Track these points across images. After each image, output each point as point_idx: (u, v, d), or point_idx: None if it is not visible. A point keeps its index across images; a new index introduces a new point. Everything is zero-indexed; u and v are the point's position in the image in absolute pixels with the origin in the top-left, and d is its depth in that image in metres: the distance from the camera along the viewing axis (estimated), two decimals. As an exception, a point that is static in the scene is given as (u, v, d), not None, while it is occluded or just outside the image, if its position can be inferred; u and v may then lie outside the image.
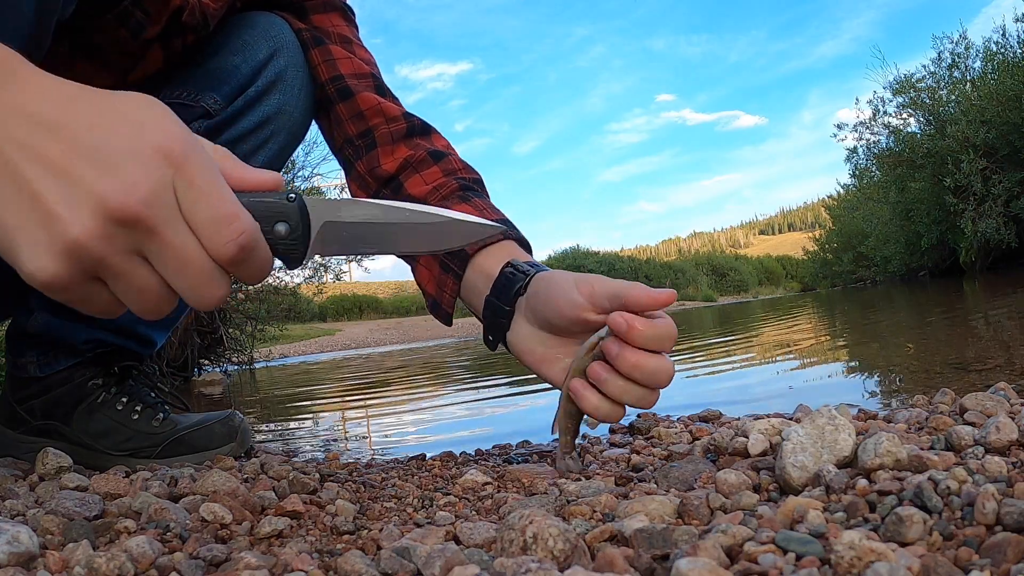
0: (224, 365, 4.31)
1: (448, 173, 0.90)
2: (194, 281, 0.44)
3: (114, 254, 0.42)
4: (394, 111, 0.93)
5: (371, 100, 0.92)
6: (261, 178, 0.49)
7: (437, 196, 0.88)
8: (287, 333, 7.10)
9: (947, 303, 4.02)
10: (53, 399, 0.93)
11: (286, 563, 0.46)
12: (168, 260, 0.43)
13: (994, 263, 10.05)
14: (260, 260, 0.47)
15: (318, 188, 5.81)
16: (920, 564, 0.38)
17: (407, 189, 0.90)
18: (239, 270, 0.46)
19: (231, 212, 0.44)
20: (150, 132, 0.43)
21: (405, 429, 1.53)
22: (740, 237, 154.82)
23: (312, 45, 0.94)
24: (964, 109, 9.73)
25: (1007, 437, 0.60)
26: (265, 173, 0.49)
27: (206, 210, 0.43)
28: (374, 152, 0.92)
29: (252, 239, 0.45)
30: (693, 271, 25.05)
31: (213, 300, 0.46)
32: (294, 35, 0.93)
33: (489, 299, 0.81)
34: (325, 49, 0.94)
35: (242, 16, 0.93)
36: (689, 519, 0.54)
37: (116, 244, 0.42)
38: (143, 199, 0.41)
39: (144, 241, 0.43)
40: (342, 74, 0.93)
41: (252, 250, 0.45)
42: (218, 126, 0.88)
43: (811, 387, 1.50)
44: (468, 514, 0.64)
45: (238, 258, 0.45)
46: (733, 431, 0.75)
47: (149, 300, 0.45)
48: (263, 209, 0.49)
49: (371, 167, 0.92)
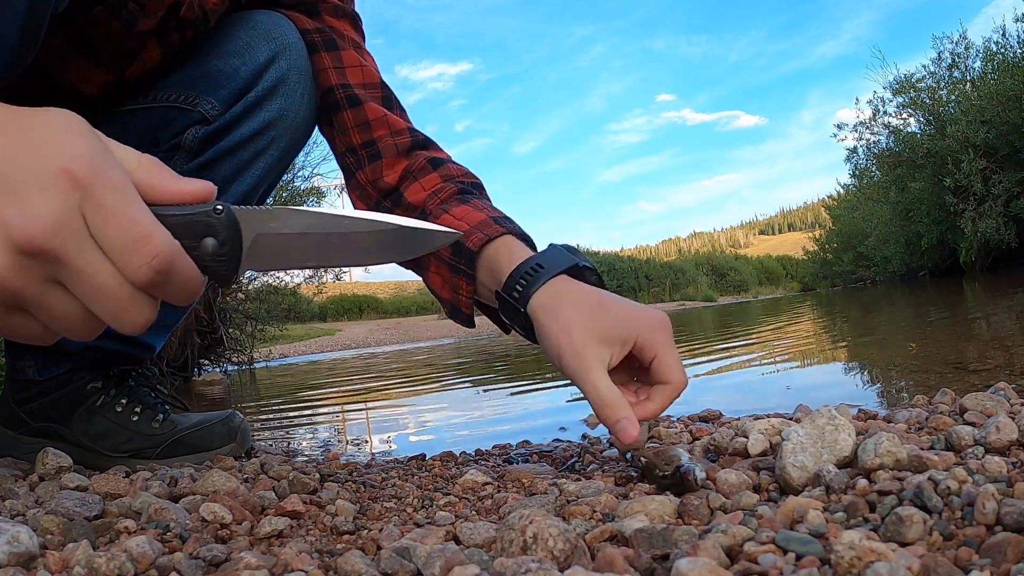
0: (224, 365, 4.31)
1: (447, 178, 0.89)
2: (113, 307, 0.42)
3: (29, 285, 0.41)
4: (400, 124, 0.91)
5: (378, 111, 0.91)
6: (189, 188, 0.46)
7: (436, 200, 0.87)
8: (287, 333, 7.10)
9: (947, 303, 4.02)
10: (52, 402, 0.93)
11: (286, 563, 0.46)
12: (83, 288, 0.42)
13: (994, 263, 10.05)
14: (183, 281, 0.44)
15: (318, 188, 5.81)
16: (920, 564, 0.38)
17: (406, 198, 0.89)
18: (160, 293, 0.44)
19: (143, 233, 0.41)
20: (55, 154, 0.40)
21: (405, 429, 1.53)
22: (740, 237, 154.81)
23: (323, 48, 0.92)
24: (964, 109, 9.74)
25: (1007, 437, 0.60)
26: (194, 183, 0.46)
27: (116, 233, 0.41)
28: (378, 163, 0.90)
29: (166, 261, 0.42)
30: (693, 271, 25.06)
31: (137, 325, 0.43)
32: (299, 37, 0.91)
33: (500, 294, 0.78)
34: (337, 55, 0.92)
35: (245, 15, 0.90)
36: (689, 519, 0.54)
37: (29, 275, 0.40)
38: (47, 229, 0.39)
39: (57, 270, 0.41)
40: (349, 83, 0.91)
41: (170, 272, 0.43)
42: (216, 133, 0.86)
43: (811, 387, 1.50)
44: (468, 514, 0.64)
45: (155, 281, 0.42)
46: (733, 431, 0.75)
47: (74, 326, 0.43)
48: (187, 224, 0.45)
49: (374, 178, 0.91)
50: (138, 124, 0.87)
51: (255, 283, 4.84)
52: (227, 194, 0.88)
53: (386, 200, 0.91)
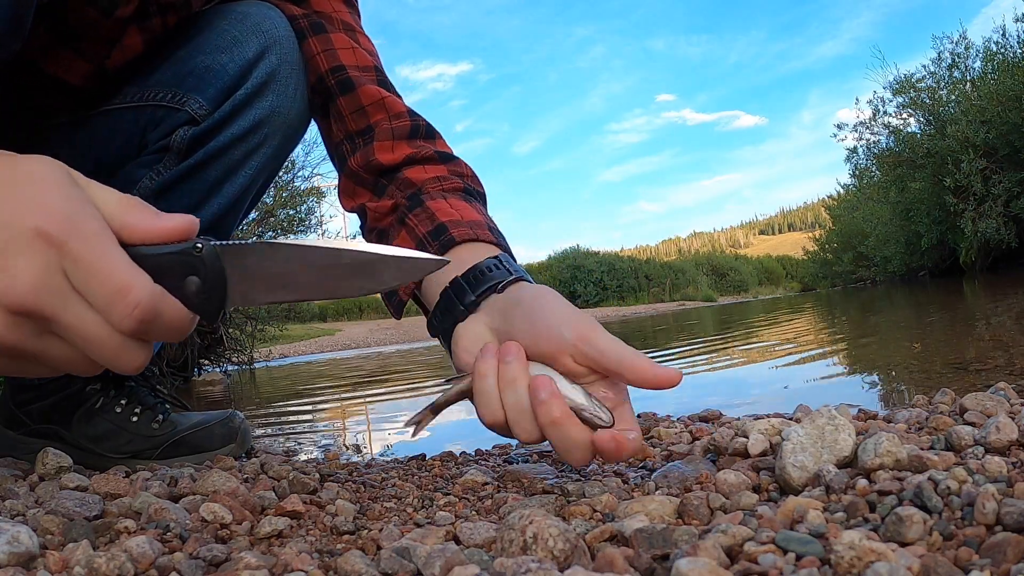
0: (224, 365, 4.31)
1: (455, 174, 0.85)
2: (107, 354, 0.44)
3: (25, 340, 0.43)
4: (399, 107, 0.86)
5: (375, 93, 0.85)
6: (169, 225, 0.46)
7: (437, 186, 0.82)
8: (287, 333, 7.09)
9: (947, 303, 4.02)
10: (52, 404, 0.93)
11: (286, 563, 0.46)
12: (75, 339, 0.43)
13: (994, 263, 10.05)
14: (170, 322, 0.45)
15: (319, 188, 5.80)
16: (920, 564, 0.38)
17: (405, 175, 0.84)
18: (150, 337, 0.45)
19: (122, 285, 0.42)
20: (28, 213, 0.41)
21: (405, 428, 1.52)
22: (740, 237, 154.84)
23: (310, 33, 0.87)
24: (964, 109, 9.74)
25: (1007, 437, 0.60)
26: (174, 219, 0.46)
27: (97, 287, 0.42)
28: (371, 147, 0.85)
29: (149, 310, 0.43)
30: (693, 271, 25.06)
31: (133, 367, 0.45)
32: (289, 28, 0.86)
33: (458, 281, 0.72)
34: (325, 37, 0.87)
35: (232, 6, 0.86)
36: (689, 519, 0.54)
37: (23, 331, 0.42)
38: (28, 291, 0.41)
39: (48, 324, 0.43)
40: (344, 64, 0.86)
41: (154, 319, 0.44)
42: (205, 133, 0.83)
43: (811, 387, 1.50)
44: (468, 514, 0.64)
45: (140, 330, 0.43)
46: (733, 431, 0.75)
47: (78, 367, 0.45)
48: (169, 264, 0.45)
49: (367, 160, 0.85)
50: (126, 124, 0.84)
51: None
52: (219, 195, 0.86)
53: (383, 178, 0.85)
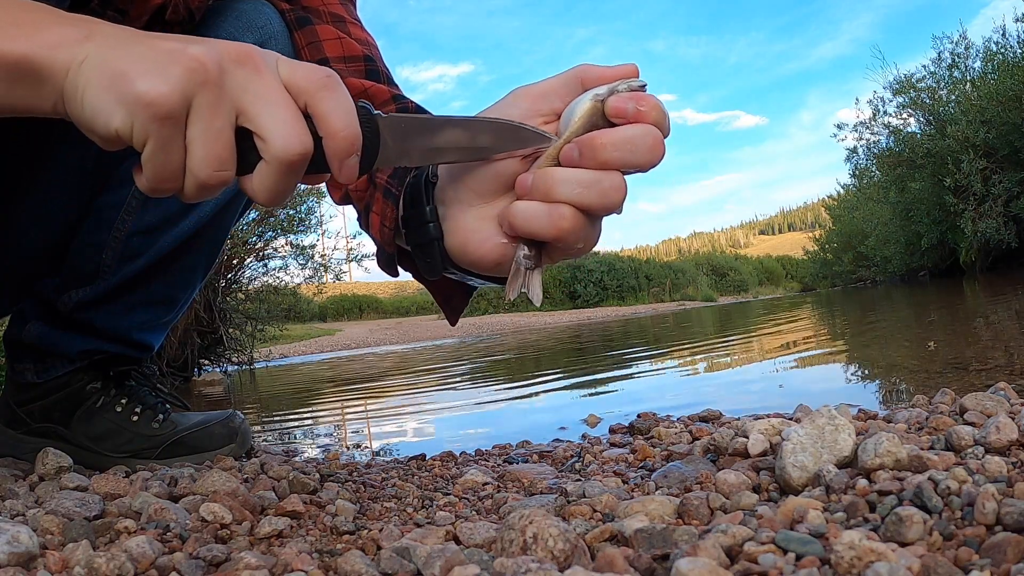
0: (224, 365, 4.31)
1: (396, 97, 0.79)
2: (283, 122, 0.46)
3: (218, 83, 0.46)
4: (383, 95, 0.79)
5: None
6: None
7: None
8: (287, 333, 7.09)
9: (947, 303, 4.02)
10: (52, 403, 0.93)
11: (286, 563, 0.46)
12: (262, 93, 0.47)
13: (994, 263, 10.05)
14: (345, 102, 0.49)
15: (318, 188, 5.79)
16: (920, 564, 0.38)
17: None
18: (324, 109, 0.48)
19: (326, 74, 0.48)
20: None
21: (405, 427, 1.52)
22: (740, 237, 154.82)
23: (295, 27, 0.86)
24: (964, 109, 9.74)
25: (1007, 437, 0.60)
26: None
27: (294, 68, 0.48)
28: None
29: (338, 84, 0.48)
30: (693, 271, 25.03)
31: (298, 143, 0.47)
32: (283, 23, 0.86)
33: (405, 217, 0.62)
34: (311, 30, 0.85)
35: (229, 5, 0.87)
36: (689, 519, 0.54)
37: (225, 79, 0.46)
38: (252, 47, 0.48)
39: (248, 78, 0.47)
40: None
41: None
42: None
43: (810, 387, 1.50)
44: (468, 514, 0.64)
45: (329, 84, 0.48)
46: (733, 431, 0.75)
47: (219, 147, 0.46)
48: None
49: None
50: None
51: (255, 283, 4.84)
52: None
53: None
